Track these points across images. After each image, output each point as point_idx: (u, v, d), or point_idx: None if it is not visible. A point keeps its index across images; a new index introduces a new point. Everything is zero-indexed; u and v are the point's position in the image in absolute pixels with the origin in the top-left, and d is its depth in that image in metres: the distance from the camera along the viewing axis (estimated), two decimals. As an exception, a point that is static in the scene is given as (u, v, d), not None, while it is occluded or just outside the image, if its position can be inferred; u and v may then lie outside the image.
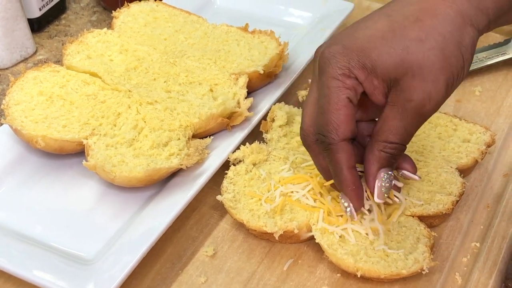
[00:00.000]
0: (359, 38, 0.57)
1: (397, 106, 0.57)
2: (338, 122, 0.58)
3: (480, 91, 0.90)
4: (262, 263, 0.68)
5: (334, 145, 0.59)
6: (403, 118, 0.57)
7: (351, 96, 0.58)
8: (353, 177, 0.60)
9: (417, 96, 0.56)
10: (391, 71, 0.56)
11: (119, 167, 0.69)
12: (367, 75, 0.57)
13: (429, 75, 0.55)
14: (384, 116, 0.58)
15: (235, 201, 0.69)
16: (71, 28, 1.06)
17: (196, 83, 0.81)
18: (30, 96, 0.77)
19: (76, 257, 0.66)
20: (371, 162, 0.60)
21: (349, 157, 0.59)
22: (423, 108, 0.57)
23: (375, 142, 0.59)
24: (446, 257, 0.68)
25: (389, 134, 0.58)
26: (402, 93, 0.56)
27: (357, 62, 0.57)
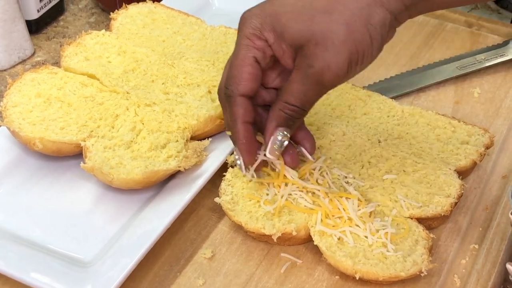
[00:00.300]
0: (275, 4, 0.60)
1: (300, 70, 0.60)
2: (240, 77, 0.62)
3: (479, 93, 0.90)
4: (261, 265, 0.68)
5: (233, 98, 0.62)
6: (304, 83, 0.60)
7: (258, 56, 0.61)
8: (245, 131, 0.63)
9: (318, 63, 0.58)
10: (296, 37, 0.59)
11: (117, 169, 0.69)
12: (276, 39, 0.60)
13: (331, 46, 0.58)
14: (290, 79, 0.61)
15: (233, 203, 0.69)
16: (69, 30, 1.06)
17: (194, 85, 0.81)
18: (28, 98, 0.77)
19: (74, 260, 0.66)
20: (270, 119, 0.63)
21: (245, 112, 0.63)
22: (322, 76, 0.59)
23: (277, 101, 0.62)
24: (444, 259, 0.68)
25: (290, 96, 0.61)
26: (305, 59, 0.59)
27: (269, 25, 0.60)
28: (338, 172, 0.72)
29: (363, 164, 0.73)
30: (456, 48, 0.98)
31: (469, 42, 1.00)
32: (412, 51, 0.98)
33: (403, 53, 0.97)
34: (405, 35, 1.00)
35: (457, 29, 1.02)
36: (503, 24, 1.04)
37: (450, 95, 0.89)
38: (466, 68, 0.92)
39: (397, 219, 0.68)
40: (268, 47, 0.61)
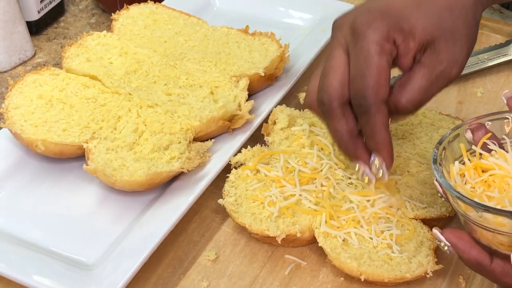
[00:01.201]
0: (395, 6, 0.61)
1: (427, 66, 0.60)
2: (379, 85, 0.60)
3: (482, 93, 0.90)
4: (265, 267, 0.67)
5: (375, 107, 0.60)
6: (430, 79, 0.60)
7: (389, 60, 0.61)
8: (390, 137, 0.63)
9: (448, 59, 0.60)
10: (428, 33, 0.60)
11: (119, 171, 0.69)
12: (404, 38, 0.60)
13: (458, 41, 0.60)
14: (410, 74, 0.61)
15: (237, 204, 0.69)
16: (70, 31, 1.05)
17: (196, 85, 0.80)
18: (29, 99, 0.76)
19: (76, 262, 0.66)
20: None
21: (387, 118, 0.62)
22: (451, 71, 0.61)
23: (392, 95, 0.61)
24: (450, 260, 0.68)
25: (410, 91, 0.61)
26: (435, 55, 0.60)
27: (396, 26, 0.60)
28: (342, 173, 0.72)
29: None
30: (459, 47, 0.98)
31: (471, 41, 0.99)
32: (414, 51, 0.97)
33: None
34: (408, 35, 1.00)
35: (460, 29, 1.02)
36: (505, 23, 1.03)
37: (453, 95, 0.89)
38: (469, 67, 0.92)
39: (402, 220, 0.67)
40: (394, 48, 0.60)
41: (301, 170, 0.71)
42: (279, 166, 0.72)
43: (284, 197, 0.69)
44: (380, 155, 0.63)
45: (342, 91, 0.62)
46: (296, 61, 0.88)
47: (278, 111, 0.79)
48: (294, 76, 0.85)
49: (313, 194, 0.69)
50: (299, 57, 0.89)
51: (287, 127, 0.77)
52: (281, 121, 0.77)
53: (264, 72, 0.81)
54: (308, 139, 0.74)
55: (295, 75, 0.86)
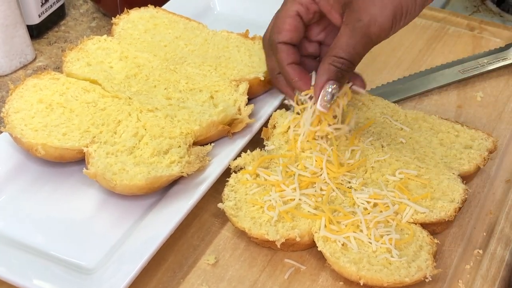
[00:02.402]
0: None
1: (348, 25, 0.65)
2: (282, 27, 0.70)
3: (482, 97, 0.90)
4: (264, 272, 0.67)
5: (275, 45, 0.71)
6: (352, 36, 0.65)
7: (300, 11, 0.69)
8: (293, 70, 0.71)
9: (365, 17, 0.64)
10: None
11: (119, 175, 0.69)
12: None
13: (378, 1, 0.64)
14: (338, 34, 0.66)
15: (237, 209, 0.69)
16: (70, 35, 1.05)
17: (196, 90, 0.80)
18: (29, 104, 0.76)
19: (76, 266, 0.66)
20: (320, 74, 0.68)
21: (288, 56, 0.71)
22: (369, 29, 0.64)
23: (327, 56, 0.67)
24: (449, 264, 0.68)
25: (339, 50, 0.66)
26: (353, 13, 0.65)
27: None
28: (342, 177, 0.72)
29: (367, 169, 0.73)
30: (458, 51, 0.98)
31: (471, 45, 1.00)
32: (414, 55, 0.97)
33: (405, 57, 0.97)
34: (407, 39, 1.00)
35: (459, 33, 1.02)
36: (505, 27, 1.04)
37: (452, 99, 0.89)
38: (468, 72, 0.92)
39: (401, 224, 0.67)
40: (312, 3, 0.68)
41: (301, 174, 0.71)
42: (279, 170, 0.72)
43: (284, 202, 0.69)
44: (293, 85, 0.72)
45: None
46: (296, 65, 0.88)
47: (277, 115, 0.79)
48: (294, 80, 0.85)
49: (312, 198, 0.69)
50: (299, 61, 0.89)
51: (286, 131, 0.78)
52: (280, 125, 0.78)
53: (264, 77, 0.81)
54: (307, 143, 0.74)
55: (295, 79, 0.86)
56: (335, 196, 0.70)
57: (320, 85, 0.67)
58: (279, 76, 0.75)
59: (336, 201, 0.69)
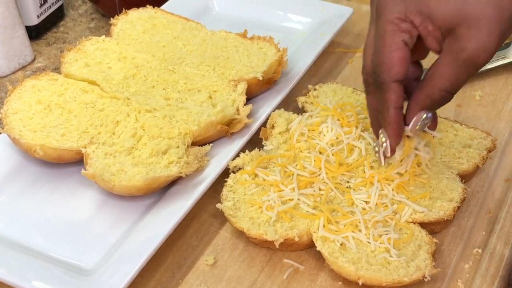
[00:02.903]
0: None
1: (451, 54, 0.59)
2: (391, 63, 0.61)
3: (481, 96, 0.89)
4: (263, 272, 0.67)
5: (385, 84, 0.62)
6: (456, 66, 0.59)
7: (406, 39, 0.60)
8: (397, 117, 0.63)
9: (472, 45, 0.58)
10: (447, 19, 0.58)
11: (118, 176, 0.69)
12: (422, 20, 0.60)
13: (485, 27, 0.57)
14: (437, 62, 0.61)
15: (235, 209, 0.69)
16: (69, 35, 1.05)
17: (195, 90, 0.80)
18: (28, 105, 0.76)
19: (75, 267, 0.66)
20: (415, 102, 0.63)
21: (398, 98, 0.62)
22: (477, 58, 0.59)
23: (424, 86, 0.62)
24: (448, 264, 0.68)
25: (440, 80, 0.61)
26: (456, 42, 0.58)
27: (414, 7, 0.59)
28: (340, 176, 0.72)
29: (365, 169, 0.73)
30: (457, 50, 0.98)
31: (470, 44, 0.99)
32: (413, 54, 0.97)
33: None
34: (406, 38, 1.00)
35: (458, 32, 1.02)
36: (504, 26, 1.03)
37: (451, 98, 0.89)
38: (467, 70, 0.92)
39: (399, 224, 0.67)
40: (413, 28, 0.60)
41: (300, 174, 0.71)
42: (277, 170, 0.72)
43: (282, 202, 0.69)
44: (386, 131, 0.65)
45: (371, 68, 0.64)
46: (294, 65, 0.88)
47: (276, 115, 0.79)
48: (293, 80, 0.86)
49: (311, 198, 0.69)
50: (298, 61, 0.89)
51: (285, 131, 0.77)
52: (279, 125, 0.77)
53: (262, 76, 0.81)
54: (306, 142, 0.74)
55: (293, 79, 0.86)
56: (334, 195, 0.70)
57: (413, 113, 0.63)
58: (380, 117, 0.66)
59: (334, 200, 0.69)
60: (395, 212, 0.68)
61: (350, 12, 0.99)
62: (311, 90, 0.84)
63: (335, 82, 0.86)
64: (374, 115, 0.67)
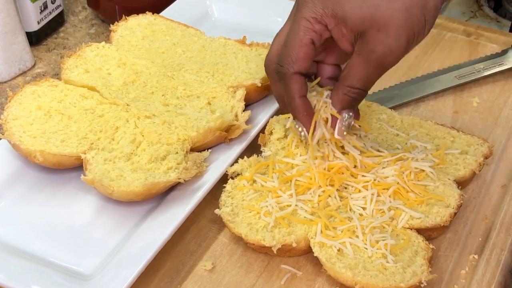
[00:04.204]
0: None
1: (362, 55, 0.64)
2: (297, 57, 0.66)
3: (478, 102, 0.90)
4: (261, 277, 0.68)
5: (288, 75, 0.67)
6: (367, 67, 0.64)
7: (315, 39, 0.65)
8: (304, 104, 0.68)
9: (380, 48, 0.63)
10: (359, 23, 0.63)
11: (117, 182, 0.69)
12: (336, 23, 0.64)
13: (392, 31, 0.62)
14: (350, 63, 0.65)
15: (233, 214, 0.69)
16: (69, 41, 1.06)
17: (194, 96, 0.81)
18: (28, 110, 0.77)
19: (74, 272, 0.66)
20: (335, 103, 0.68)
21: (301, 87, 0.67)
22: (385, 59, 0.63)
23: (340, 86, 0.67)
24: (444, 269, 0.68)
25: (353, 80, 0.65)
26: (367, 44, 0.63)
27: (331, 10, 0.63)
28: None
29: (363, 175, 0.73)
30: (455, 57, 0.99)
31: (467, 51, 1.00)
32: (410, 60, 0.98)
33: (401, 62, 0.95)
34: (404, 44, 1.00)
35: (456, 38, 1.03)
36: (501, 33, 1.04)
37: (449, 105, 0.90)
38: (464, 77, 0.93)
39: (396, 230, 0.68)
40: (325, 30, 0.65)
41: (298, 180, 0.72)
42: (275, 176, 0.72)
43: (280, 207, 0.69)
44: (298, 120, 0.69)
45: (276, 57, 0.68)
46: (293, 72, 0.88)
47: (274, 121, 0.79)
48: (291, 86, 0.86)
49: (308, 204, 0.69)
50: (296, 67, 0.89)
51: (283, 137, 0.78)
52: (277, 132, 0.78)
53: (261, 83, 0.82)
54: (304, 148, 0.75)
55: (291, 86, 0.86)
56: (331, 201, 0.70)
57: (335, 118, 0.68)
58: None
59: (332, 207, 0.70)
60: (392, 218, 0.69)
61: None
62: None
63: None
64: (281, 102, 0.71)
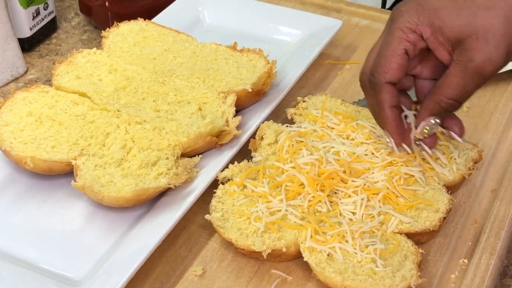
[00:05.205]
0: (432, 1, 0.64)
1: (459, 64, 0.63)
2: (389, 67, 0.65)
3: (468, 107, 0.90)
4: (251, 282, 0.68)
5: (379, 85, 0.66)
6: (464, 76, 0.63)
7: (408, 49, 0.65)
8: (393, 114, 0.68)
9: (480, 57, 0.61)
10: (457, 31, 0.62)
11: (107, 187, 0.69)
12: (432, 32, 0.63)
13: (492, 39, 0.61)
14: (447, 72, 0.64)
15: (224, 220, 0.70)
16: (62, 47, 1.06)
17: (185, 102, 0.81)
18: (19, 117, 0.77)
19: (64, 278, 0.66)
20: (424, 109, 0.67)
21: (392, 98, 0.67)
22: (484, 69, 0.62)
23: (434, 94, 0.65)
24: (434, 274, 0.68)
25: (448, 89, 0.64)
26: (465, 53, 0.62)
27: (427, 19, 0.63)
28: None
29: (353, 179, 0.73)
30: (446, 62, 0.99)
31: (458, 56, 1.00)
32: (402, 66, 0.98)
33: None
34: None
35: (447, 44, 1.03)
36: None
37: (439, 110, 0.90)
38: (455, 82, 0.93)
39: (386, 234, 0.68)
40: (420, 40, 0.65)
41: (288, 185, 0.72)
42: (266, 181, 0.72)
43: (270, 213, 0.69)
44: (387, 130, 0.69)
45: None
46: (284, 77, 0.89)
47: (265, 127, 0.79)
48: (282, 91, 0.87)
49: (298, 209, 0.70)
50: (287, 73, 0.90)
51: (274, 142, 0.78)
52: (268, 137, 0.78)
53: (252, 88, 0.82)
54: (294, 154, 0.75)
55: (282, 91, 0.87)
56: (321, 206, 0.70)
57: (422, 118, 0.67)
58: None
59: (322, 211, 0.70)
60: (382, 223, 0.69)
61: (339, 24, 1.00)
62: (300, 101, 0.85)
63: (324, 94, 0.87)
64: (375, 115, 0.71)
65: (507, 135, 0.86)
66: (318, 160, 0.73)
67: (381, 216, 0.69)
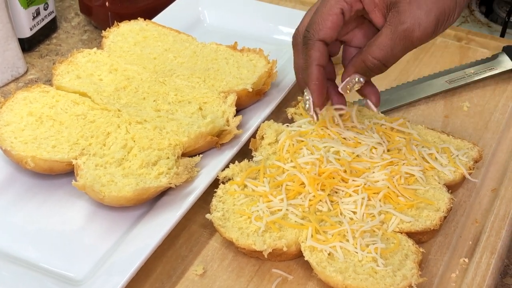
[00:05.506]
0: None
1: (391, 26, 0.64)
2: (324, 24, 0.66)
3: (468, 107, 0.91)
4: (252, 282, 0.68)
5: (312, 41, 0.67)
6: (393, 38, 0.64)
7: (345, 9, 0.66)
8: (319, 73, 0.68)
9: (410, 20, 0.63)
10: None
11: (108, 187, 0.69)
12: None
13: (424, 5, 0.63)
14: (378, 33, 0.66)
15: (224, 219, 0.70)
16: (62, 47, 1.06)
17: (185, 101, 0.81)
18: (19, 117, 0.77)
19: (65, 278, 0.66)
20: (351, 65, 0.68)
21: (321, 56, 0.68)
22: (412, 32, 0.64)
23: (362, 52, 0.67)
24: (434, 273, 0.68)
25: (376, 49, 0.65)
26: (397, 15, 0.64)
27: None
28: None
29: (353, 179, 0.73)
30: (446, 62, 0.99)
31: (458, 56, 1.01)
32: (401, 65, 0.98)
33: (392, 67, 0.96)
34: (395, 49, 1.01)
35: (447, 43, 1.03)
36: (492, 38, 1.05)
37: (439, 109, 0.90)
38: (455, 82, 0.93)
39: (387, 234, 0.68)
40: (357, 2, 0.66)
41: (288, 185, 0.72)
42: (266, 181, 0.72)
43: (271, 212, 0.69)
44: (309, 88, 0.69)
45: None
46: (284, 77, 0.89)
47: (266, 126, 0.79)
48: (282, 91, 0.87)
49: (299, 209, 0.70)
50: (287, 72, 0.90)
51: (274, 142, 0.78)
52: (268, 136, 0.78)
53: (252, 88, 0.82)
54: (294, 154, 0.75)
55: (283, 91, 0.87)
56: (322, 206, 0.70)
57: (347, 74, 0.69)
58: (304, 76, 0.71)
59: (323, 211, 0.70)
60: (382, 222, 0.69)
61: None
62: (301, 101, 0.85)
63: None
64: (299, 73, 0.71)
65: (507, 135, 0.86)
66: (318, 160, 0.73)
67: (382, 215, 0.69)
